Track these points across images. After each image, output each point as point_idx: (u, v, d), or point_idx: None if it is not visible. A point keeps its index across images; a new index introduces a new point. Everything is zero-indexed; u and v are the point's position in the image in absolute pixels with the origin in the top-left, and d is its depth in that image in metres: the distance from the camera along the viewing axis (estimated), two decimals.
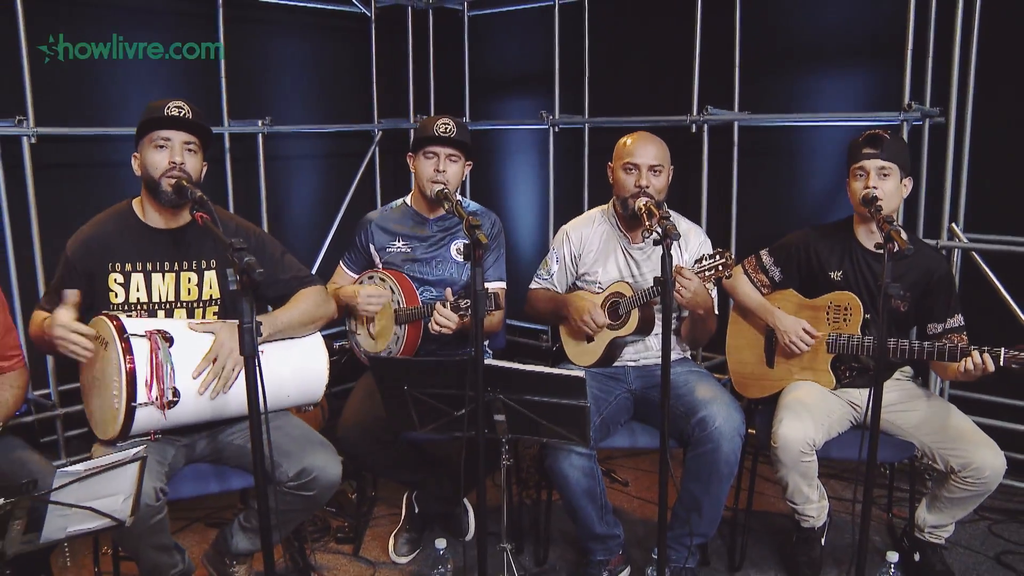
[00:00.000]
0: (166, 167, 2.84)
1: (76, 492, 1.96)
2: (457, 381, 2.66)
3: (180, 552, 2.98)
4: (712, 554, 3.52)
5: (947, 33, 3.96)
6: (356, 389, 3.49)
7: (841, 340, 3.21)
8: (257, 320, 2.17)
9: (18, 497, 1.88)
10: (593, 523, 3.19)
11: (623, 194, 3.30)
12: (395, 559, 3.57)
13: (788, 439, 3.04)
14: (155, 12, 4.50)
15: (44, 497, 1.89)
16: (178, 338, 2.69)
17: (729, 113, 4.59)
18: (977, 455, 2.99)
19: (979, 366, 2.88)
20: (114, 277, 2.90)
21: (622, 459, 4.47)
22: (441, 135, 3.38)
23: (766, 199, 4.69)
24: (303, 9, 5.16)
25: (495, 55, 5.74)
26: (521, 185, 5.71)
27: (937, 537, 3.27)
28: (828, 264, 3.30)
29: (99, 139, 4.32)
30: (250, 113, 4.79)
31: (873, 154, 3.09)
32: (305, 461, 2.81)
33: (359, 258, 3.64)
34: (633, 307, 3.26)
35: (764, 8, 4.57)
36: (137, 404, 2.57)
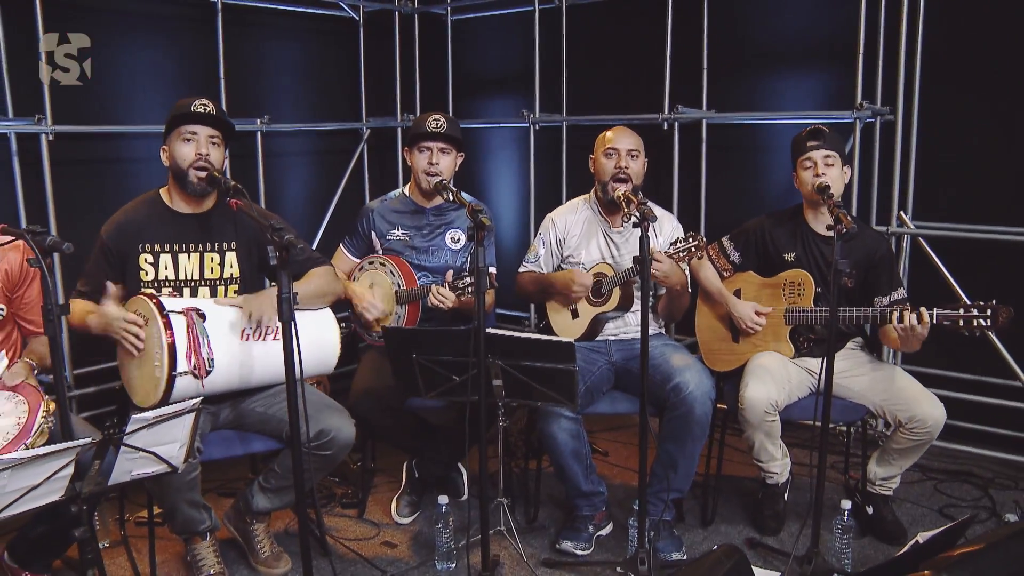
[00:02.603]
0: (193, 158, 3.15)
1: (144, 437, 2.27)
2: (460, 349, 3.00)
3: (207, 510, 3.30)
4: (687, 512, 3.85)
5: (895, 38, 4.27)
6: (363, 363, 3.81)
7: (796, 312, 3.57)
8: (295, 291, 2.48)
9: (103, 438, 2.18)
10: (580, 481, 3.53)
11: (604, 178, 3.63)
12: (398, 520, 3.88)
13: (753, 400, 3.40)
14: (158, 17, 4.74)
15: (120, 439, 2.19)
16: (209, 314, 3.00)
17: (698, 112, 4.88)
18: (920, 408, 3.36)
19: (914, 326, 3.23)
20: (144, 257, 3.20)
21: (601, 432, 4.81)
22: (433, 130, 3.70)
23: (732, 189, 4.97)
24: (295, 14, 5.37)
25: (477, 57, 5.96)
26: (503, 180, 5.95)
27: (887, 489, 3.63)
28: (782, 247, 3.65)
29: (111, 136, 4.56)
30: (247, 112, 5.00)
31: (817, 145, 3.47)
32: (323, 423, 3.13)
33: (360, 243, 3.95)
34: (614, 285, 3.61)
35: (730, 15, 4.84)
36: (177, 373, 2.87)
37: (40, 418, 2.60)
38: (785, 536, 3.65)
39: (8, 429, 2.57)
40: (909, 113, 4.36)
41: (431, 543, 3.60)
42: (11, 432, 2.55)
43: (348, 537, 3.72)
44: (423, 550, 3.62)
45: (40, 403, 2.66)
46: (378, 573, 3.45)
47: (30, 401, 2.67)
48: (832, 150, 3.48)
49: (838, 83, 4.52)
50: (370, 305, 3.65)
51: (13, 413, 2.63)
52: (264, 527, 3.50)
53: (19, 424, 2.60)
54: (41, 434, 2.58)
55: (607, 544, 3.65)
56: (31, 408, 2.64)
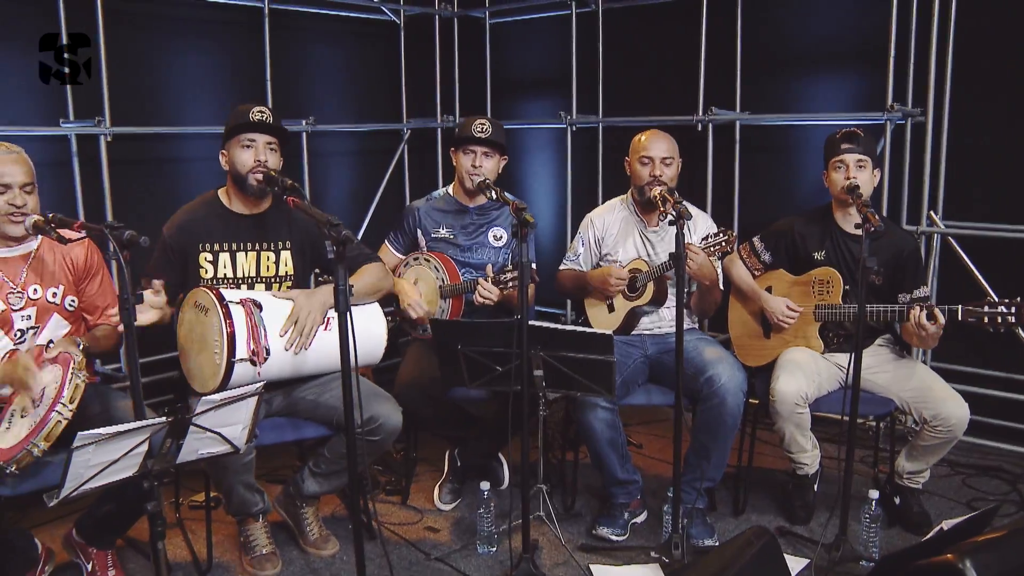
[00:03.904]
0: (252, 164, 3.32)
1: (211, 418, 2.43)
2: (504, 340, 3.15)
3: (260, 494, 3.48)
4: (719, 501, 3.98)
5: (926, 40, 4.36)
6: (407, 356, 3.96)
7: (826, 309, 3.68)
8: (350, 284, 2.63)
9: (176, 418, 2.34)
10: (616, 469, 3.67)
11: (639, 183, 3.77)
12: (440, 506, 4.04)
13: (784, 393, 3.52)
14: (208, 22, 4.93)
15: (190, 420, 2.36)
16: (265, 305, 3.17)
17: (731, 113, 4.98)
18: (944, 407, 3.47)
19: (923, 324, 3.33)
20: (204, 256, 3.38)
21: (636, 425, 4.95)
22: (478, 135, 3.86)
23: (764, 190, 5.07)
24: (339, 18, 5.52)
25: (515, 59, 6.08)
26: (540, 180, 6.07)
27: (915, 482, 3.73)
28: (812, 246, 3.77)
29: (165, 136, 4.75)
30: (292, 113, 5.13)
31: (850, 148, 3.57)
32: (372, 410, 3.29)
33: (406, 240, 4.10)
34: (649, 280, 3.75)
35: (763, 17, 4.93)
36: (236, 360, 3.03)
37: (70, 373, 2.73)
38: (814, 525, 3.76)
39: (50, 395, 2.74)
40: (940, 114, 4.44)
41: (472, 528, 3.75)
42: (52, 397, 2.71)
43: (393, 522, 3.88)
44: (465, 535, 3.77)
45: (70, 361, 2.79)
46: (422, 556, 3.60)
47: (62, 363, 2.82)
48: (864, 154, 3.58)
49: (869, 85, 4.60)
50: (416, 304, 3.79)
51: (53, 381, 2.79)
52: (313, 511, 3.67)
53: (56, 387, 2.76)
54: (76, 389, 2.70)
55: (641, 531, 3.79)
56: (64, 368, 2.79)
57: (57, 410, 2.62)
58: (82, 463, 2.20)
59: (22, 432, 2.68)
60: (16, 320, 3.05)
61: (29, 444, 2.61)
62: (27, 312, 3.07)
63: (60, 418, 2.63)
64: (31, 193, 3.00)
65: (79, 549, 3.31)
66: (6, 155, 2.97)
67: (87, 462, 2.20)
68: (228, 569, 3.52)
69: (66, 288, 3.16)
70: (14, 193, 2.95)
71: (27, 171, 3.00)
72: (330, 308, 3.19)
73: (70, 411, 2.65)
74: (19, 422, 2.76)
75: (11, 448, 2.66)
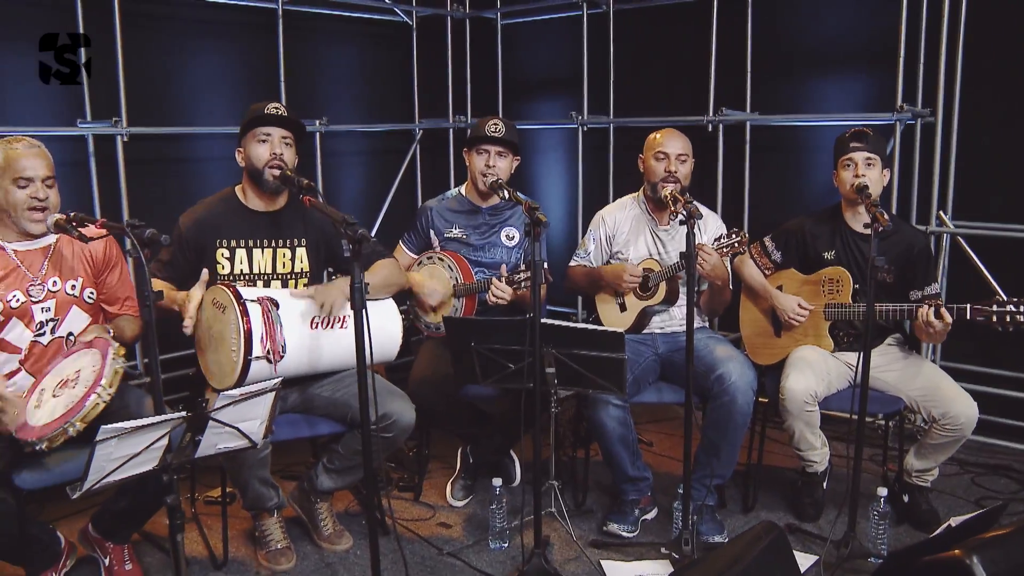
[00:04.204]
0: (268, 158, 3.37)
1: (230, 413, 2.47)
2: (517, 338, 3.19)
3: (275, 489, 3.53)
4: (729, 499, 4.01)
5: (936, 41, 4.40)
6: (420, 353, 4.01)
7: (836, 308, 3.71)
8: (365, 281, 2.68)
9: (195, 412, 2.39)
10: (627, 466, 3.71)
11: (653, 179, 3.80)
12: (452, 503, 4.08)
13: (794, 391, 3.55)
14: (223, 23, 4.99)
15: (209, 415, 2.41)
16: (282, 303, 3.21)
17: (742, 114, 5.01)
18: (953, 406, 3.49)
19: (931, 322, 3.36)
20: (221, 252, 3.43)
21: (646, 423, 4.99)
22: (491, 135, 3.90)
23: (774, 190, 5.10)
24: (352, 19, 5.58)
25: (527, 60, 6.12)
26: (552, 179, 6.11)
27: (924, 480, 3.76)
28: (822, 245, 3.80)
29: (180, 136, 4.81)
30: (306, 114, 5.12)
31: (859, 147, 3.60)
32: (386, 407, 3.33)
33: (419, 240, 4.14)
34: (661, 280, 3.78)
35: (773, 19, 4.97)
36: (253, 357, 3.08)
37: (111, 359, 2.80)
38: (823, 523, 3.79)
39: (88, 378, 2.79)
40: (949, 114, 4.48)
41: (484, 524, 3.79)
42: (90, 379, 2.77)
43: (405, 518, 3.92)
44: (477, 530, 3.81)
45: (109, 347, 2.85)
46: (435, 551, 3.64)
47: (100, 348, 2.88)
48: (873, 152, 3.61)
49: (879, 85, 4.63)
50: (431, 291, 3.85)
51: (90, 364, 2.85)
52: (327, 506, 3.72)
53: (95, 370, 2.81)
54: (115, 374, 2.78)
55: (652, 527, 3.82)
56: (102, 354, 2.85)
57: (97, 392, 2.70)
58: (104, 456, 2.25)
59: (57, 410, 2.74)
60: (36, 312, 3.10)
61: (66, 423, 2.67)
62: (47, 304, 3.12)
63: (99, 400, 2.70)
64: (52, 187, 3.05)
65: (96, 544, 3.36)
66: (28, 149, 3.02)
67: (109, 455, 2.25)
68: (244, 563, 3.57)
69: (85, 281, 3.22)
70: (36, 187, 3.00)
71: (48, 165, 3.06)
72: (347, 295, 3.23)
73: (108, 395, 2.72)
74: (51, 400, 2.81)
75: (46, 425, 2.72)
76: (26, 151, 3.01)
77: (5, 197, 3.00)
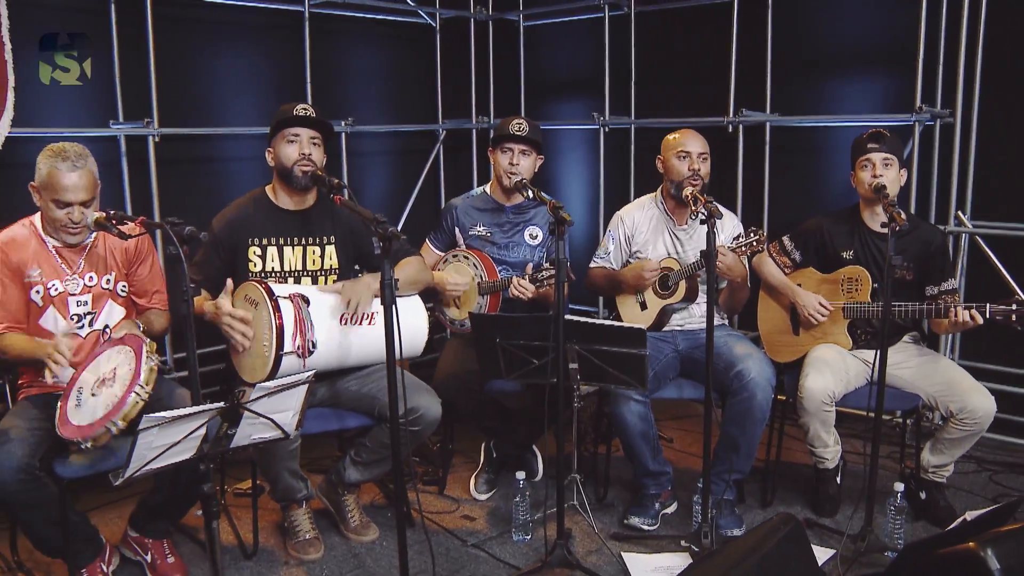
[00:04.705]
0: (297, 157, 3.47)
1: (264, 405, 2.56)
2: (540, 334, 3.27)
3: (304, 481, 3.62)
4: (748, 494, 4.07)
5: (955, 42, 4.43)
6: (446, 350, 4.10)
7: (854, 307, 3.77)
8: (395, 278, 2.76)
9: (234, 404, 2.48)
10: (647, 460, 3.78)
11: (676, 178, 3.85)
12: (476, 496, 4.16)
13: (812, 391, 3.61)
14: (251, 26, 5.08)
15: (245, 406, 2.49)
16: (313, 300, 3.30)
17: (761, 115, 5.07)
18: (971, 399, 3.54)
19: (965, 321, 3.42)
20: (253, 250, 3.52)
21: (666, 420, 5.05)
22: (515, 133, 3.98)
23: (794, 190, 5.14)
24: (377, 22, 5.68)
25: (549, 61, 6.19)
26: (573, 179, 6.17)
27: (939, 476, 3.80)
28: (840, 245, 3.85)
29: (209, 137, 4.91)
30: (332, 114, 5.18)
31: (876, 148, 3.65)
32: (413, 401, 3.41)
33: (444, 238, 4.23)
34: (680, 279, 3.85)
35: (793, 20, 5.01)
36: (284, 352, 3.17)
37: (145, 356, 2.90)
38: (841, 518, 3.84)
39: (125, 377, 2.89)
40: (968, 115, 4.50)
41: (507, 517, 3.87)
42: (127, 379, 2.87)
43: (430, 510, 4.01)
44: (500, 523, 3.89)
45: (142, 345, 2.94)
46: (459, 542, 3.73)
47: (134, 347, 2.97)
48: (891, 153, 3.67)
49: (898, 86, 4.67)
50: (455, 284, 3.96)
51: (125, 362, 2.95)
52: (354, 498, 3.81)
53: (131, 369, 2.91)
54: (151, 371, 2.87)
55: (672, 521, 3.89)
56: (136, 352, 2.95)
57: (136, 391, 2.80)
58: (146, 444, 2.34)
59: (98, 411, 2.84)
60: (72, 305, 3.24)
61: (109, 423, 2.77)
62: (84, 298, 3.26)
63: (138, 399, 2.79)
64: (90, 206, 3.14)
65: (136, 544, 3.46)
66: (70, 171, 3.06)
67: (151, 443, 2.34)
68: (272, 553, 3.66)
69: (118, 275, 3.35)
70: (73, 209, 3.11)
71: (87, 187, 3.11)
72: (375, 292, 3.33)
73: (147, 393, 2.82)
74: (90, 400, 2.91)
75: (89, 425, 2.82)
76: (68, 173, 3.05)
77: (46, 210, 3.14)
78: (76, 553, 3.22)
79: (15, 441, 2.93)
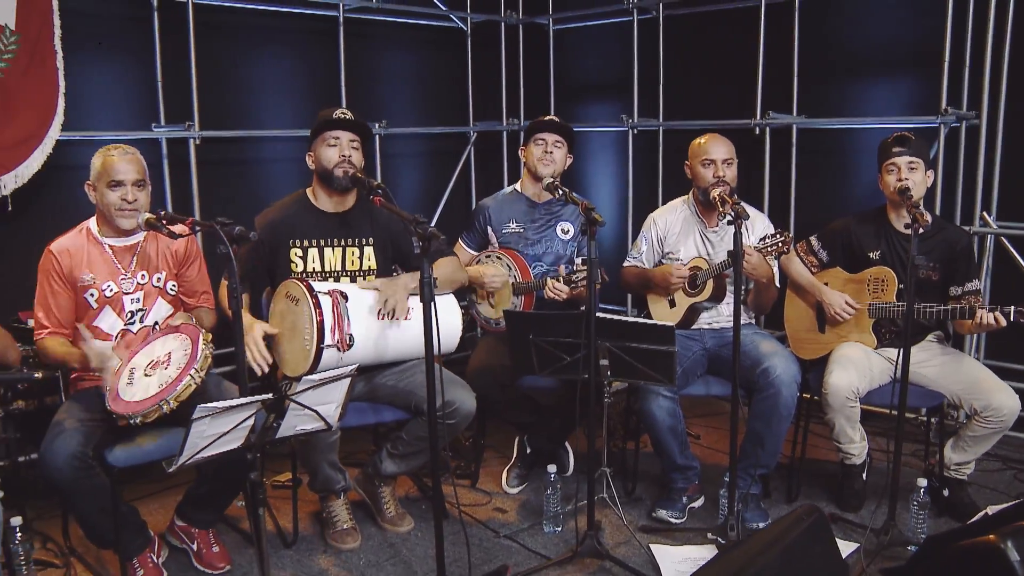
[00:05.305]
0: (337, 160, 3.59)
1: (310, 397, 2.68)
2: (572, 331, 3.37)
3: (343, 472, 3.74)
4: (773, 490, 4.15)
5: (981, 44, 4.47)
6: (479, 346, 4.21)
7: (880, 306, 3.84)
8: (434, 276, 2.87)
9: (281, 396, 2.59)
10: (675, 455, 3.88)
11: (703, 184, 3.94)
12: (507, 490, 4.27)
13: (837, 387, 3.69)
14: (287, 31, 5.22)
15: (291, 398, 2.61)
16: (351, 296, 3.43)
17: (788, 117, 5.13)
18: (995, 397, 3.61)
19: (989, 323, 3.48)
20: (295, 251, 3.65)
21: (694, 418, 5.13)
22: (549, 120, 4.13)
23: (820, 192, 5.21)
24: (410, 26, 5.81)
25: (578, 65, 6.29)
26: (602, 180, 6.26)
27: (961, 474, 3.86)
28: (867, 245, 3.92)
29: (247, 139, 5.06)
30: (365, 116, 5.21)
31: (901, 151, 3.72)
32: (448, 395, 3.51)
33: (477, 238, 4.35)
34: (708, 278, 3.94)
35: (820, 23, 5.07)
36: (324, 346, 3.30)
37: (202, 345, 3.05)
38: (865, 513, 3.91)
39: (180, 360, 3.03)
40: (994, 117, 4.55)
41: (538, 510, 3.98)
42: (183, 362, 3.02)
43: (463, 503, 4.12)
44: (531, 515, 4.00)
45: (199, 334, 3.10)
46: (491, 533, 3.84)
47: (191, 335, 3.13)
48: (916, 156, 3.74)
49: (924, 88, 4.72)
50: (491, 277, 4.07)
51: (180, 348, 3.10)
52: (390, 490, 3.93)
53: (186, 354, 3.05)
54: (205, 359, 3.02)
55: (699, 515, 3.99)
56: (192, 340, 3.10)
57: (191, 375, 2.94)
58: (198, 433, 2.46)
59: (151, 388, 2.98)
60: (127, 303, 3.40)
61: (161, 401, 2.90)
62: (136, 296, 3.42)
63: (192, 382, 2.94)
64: (142, 189, 3.33)
65: (183, 533, 3.61)
66: (122, 156, 3.31)
67: (203, 432, 2.46)
68: (311, 542, 3.79)
69: (168, 275, 3.50)
70: (126, 189, 3.28)
71: (138, 169, 3.33)
72: (410, 292, 3.46)
73: (200, 377, 2.96)
74: (143, 379, 3.05)
75: (142, 401, 2.95)
76: (120, 157, 3.30)
77: (102, 199, 3.30)
78: (127, 543, 3.34)
79: (70, 431, 3.08)
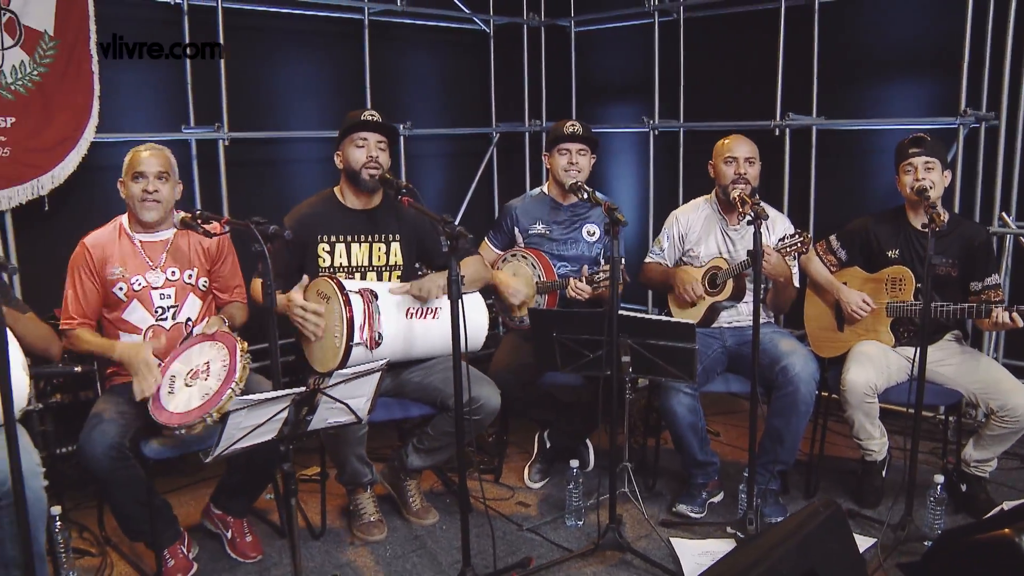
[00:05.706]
0: (365, 160, 3.68)
1: (341, 390, 2.76)
2: (595, 329, 3.44)
3: (369, 466, 3.83)
4: (792, 486, 4.20)
5: (1001, 45, 4.50)
6: (503, 344, 4.29)
7: (897, 305, 3.89)
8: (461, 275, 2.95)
9: (314, 389, 2.68)
10: (695, 451, 3.94)
11: (724, 183, 4.02)
12: (529, 485, 4.35)
13: (854, 383, 3.75)
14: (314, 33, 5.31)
15: (324, 391, 2.70)
16: (381, 295, 3.51)
17: (808, 118, 5.16)
18: (1011, 398, 3.65)
19: (1004, 323, 3.52)
20: (322, 247, 3.74)
21: (714, 415, 5.19)
22: (571, 132, 4.17)
23: (840, 192, 5.23)
24: (434, 28, 5.88)
25: (600, 66, 6.36)
26: (624, 181, 6.32)
27: (982, 471, 3.90)
28: (886, 244, 3.98)
29: (275, 140, 5.16)
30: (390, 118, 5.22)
31: (918, 152, 3.78)
32: (474, 391, 3.59)
33: (503, 238, 4.43)
34: (728, 277, 4.00)
35: (839, 25, 5.10)
36: (354, 343, 3.38)
37: (239, 355, 3.15)
38: (882, 509, 3.96)
39: (219, 372, 3.13)
40: (1013, 118, 4.58)
41: (560, 504, 4.06)
42: (222, 374, 3.11)
43: (487, 497, 4.19)
44: (553, 510, 4.07)
45: (236, 343, 3.19)
46: (515, 527, 3.92)
47: (227, 344, 3.22)
48: (933, 156, 3.79)
49: (943, 90, 4.75)
50: (515, 291, 4.12)
51: (218, 357, 3.19)
52: (416, 484, 4.02)
53: (225, 365, 3.14)
54: (244, 370, 3.11)
55: (718, 510, 4.05)
56: (230, 350, 3.19)
57: (232, 388, 3.04)
58: (235, 425, 2.55)
59: (193, 401, 3.07)
60: (155, 298, 3.50)
61: (205, 415, 3.00)
62: (167, 291, 3.52)
63: (233, 394, 3.02)
64: (165, 182, 3.46)
65: (219, 520, 3.72)
66: (149, 151, 3.46)
67: (239, 424, 2.55)
68: (338, 534, 3.88)
69: (199, 271, 3.60)
70: (147, 180, 3.42)
71: (162, 163, 3.46)
72: (442, 289, 3.53)
73: (240, 389, 3.06)
74: (184, 389, 3.15)
75: (186, 414, 3.05)
76: (145, 152, 3.44)
77: (127, 192, 3.44)
78: (158, 533, 3.44)
79: (107, 422, 3.18)
